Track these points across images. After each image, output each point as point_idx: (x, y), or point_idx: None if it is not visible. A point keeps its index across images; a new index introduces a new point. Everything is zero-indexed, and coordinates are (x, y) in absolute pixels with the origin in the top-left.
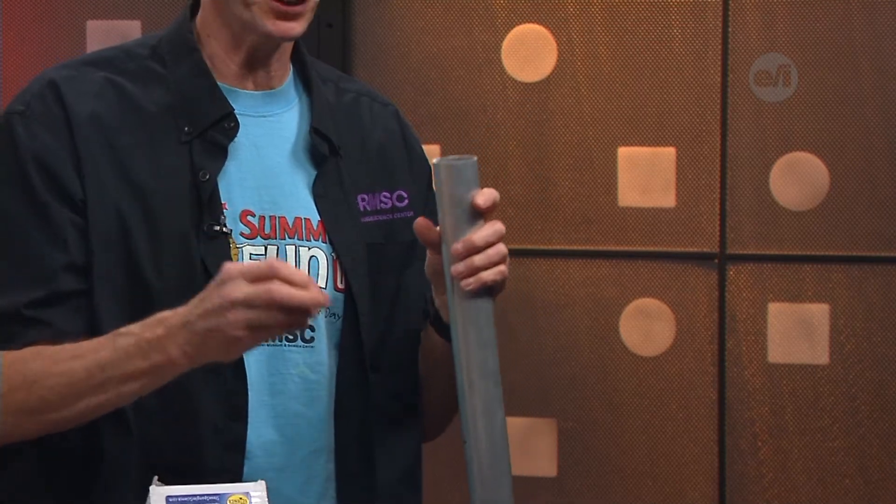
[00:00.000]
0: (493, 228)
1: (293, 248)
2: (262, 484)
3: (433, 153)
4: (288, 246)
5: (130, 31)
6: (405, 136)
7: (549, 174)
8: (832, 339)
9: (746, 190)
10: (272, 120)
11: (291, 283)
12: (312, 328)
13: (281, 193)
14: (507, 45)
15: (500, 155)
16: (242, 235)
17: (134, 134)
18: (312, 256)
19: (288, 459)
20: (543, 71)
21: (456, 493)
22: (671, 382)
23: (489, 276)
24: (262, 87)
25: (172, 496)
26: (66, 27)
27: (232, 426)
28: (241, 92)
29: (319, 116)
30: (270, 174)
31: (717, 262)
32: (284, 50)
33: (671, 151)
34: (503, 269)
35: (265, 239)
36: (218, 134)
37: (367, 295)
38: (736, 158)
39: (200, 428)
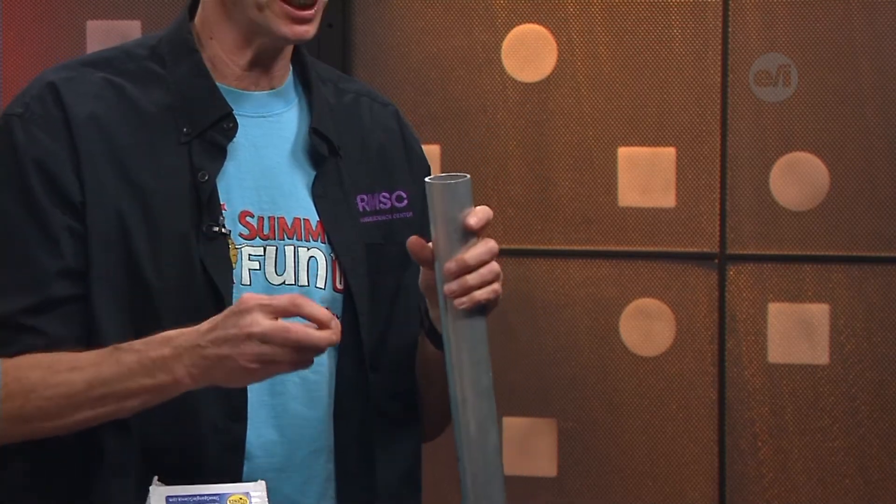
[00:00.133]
0: (486, 247)
1: (292, 248)
2: (261, 484)
3: (433, 153)
4: (287, 246)
5: (130, 31)
6: (405, 136)
7: (549, 174)
8: (832, 339)
9: (746, 190)
10: (271, 120)
11: (314, 319)
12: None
13: (280, 194)
14: (507, 45)
15: (500, 155)
16: (241, 236)
17: (133, 134)
18: (311, 257)
19: (288, 459)
20: (543, 71)
21: (456, 493)
22: (671, 382)
23: (482, 294)
24: (262, 87)
25: (172, 496)
26: (66, 27)
27: (232, 426)
28: (240, 93)
29: (319, 117)
30: (269, 174)
31: (717, 262)
32: (287, 51)
33: (671, 151)
34: (496, 287)
35: (264, 239)
36: (217, 134)
37: (366, 295)
38: (736, 158)
39: (200, 428)
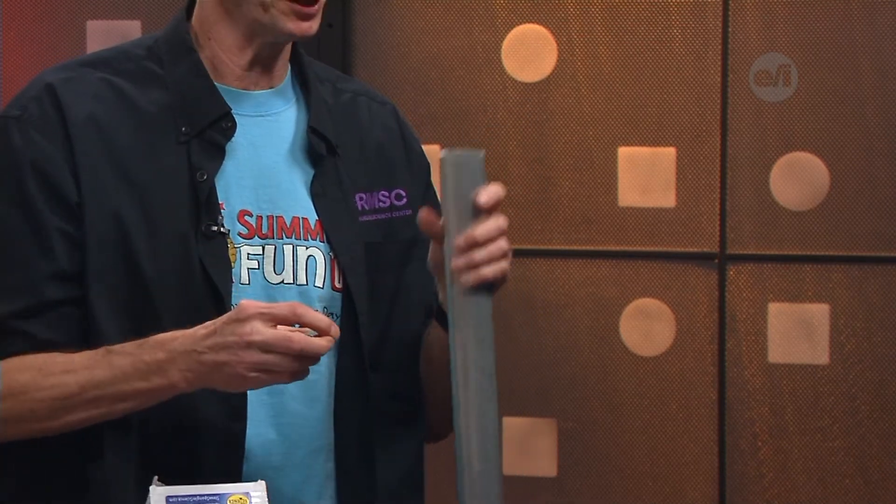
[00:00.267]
0: (495, 224)
1: (290, 247)
2: (262, 484)
3: (433, 153)
4: (285, 245)
5: (130, 31)
6: (404, 134)
7: (549, 174)
8: (832, 339)
9: (746, 190)
10: (270, 119)
11: (315, 327)
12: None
13: (279, 193)
14: (507, 45)
15: (500, 155)
16: (240, 235)
17: (132, 134)
18: (310, 256)
19: (287, 458)
20: (543, 71)
21: (450, 490)
22: (671, 382)
23: (488, 271)
24: (261, 87)
25: (172, 496)
26: (66, 27)
27: (231, 425)
28: (239, 92)
29: (317, 116)
30: (268, 174)
31: (717, 262)
32: (286, 50)
33: (671, 151)
34: (504, 265)
35: (263, 238)
36: (215, 134)
37: (365, 294)
38: (736, 158)
39: (200, 427)
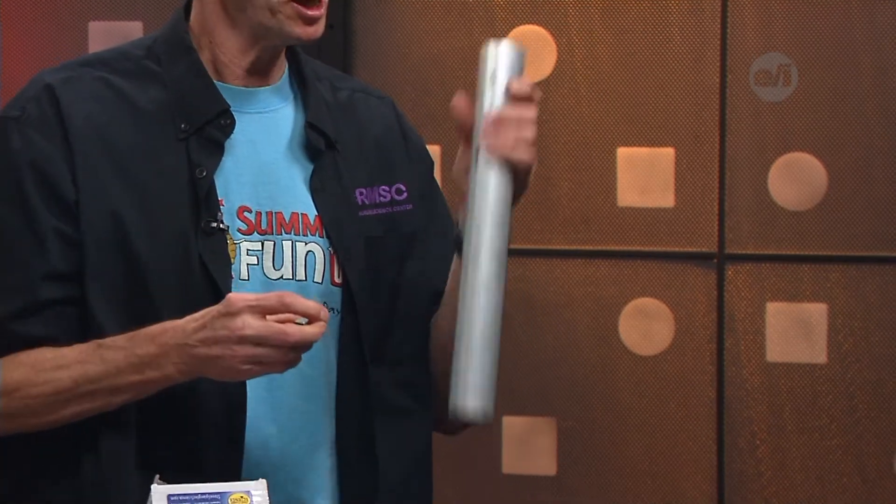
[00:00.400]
0: (527, 110)
1: (290, 243)
2: (262, 483)
3: (433, 153)
4: (285, 241)
5: (132, 31)
6: (403, 128)
7: (548, 174)
8: (830, 338)
9: (745, 190)
10: (268, 116)
11: (305, 314)
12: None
13: (278, 189)
14: None
15: None
16: (240, 231)
17: (131, 133)
18: (309, 251)
19: (286, 453)
20: (543, 71)
21: (455, 494)
22: (670, 381)
23: (515, 146)
24: (259, 84)
25: (174, 495)
26: (67, 28)
27: (231, 421)
28: (237, 89)
29: (315, 112)
30: (267, 170)
31: (715, 261)
32: (283, 49)
33: (670, 152)
34: (530, 151)
35: (262, 234)
36: (214, 131)
37: (365, 288)
38: (734, 159)
39: (199, 423)
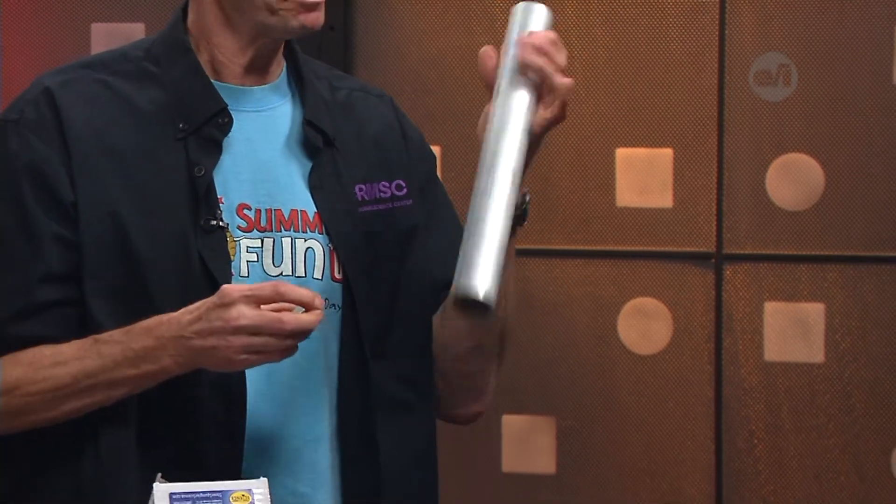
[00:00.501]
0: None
1: (289, 240)
2: (264, 481)
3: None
4: (284, 238)
5: (134, 33)
6: (402, 125)
7: (547, 175)
8: (827, 337)
9: (743, 190)
10: (266, 114)
11: (300, 302)
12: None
13: (277, 186)
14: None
15: None
16: (239, 229)
17: (130, 134)
18: (308, 248)
19: (287, 449)
20: None
21: (454, 493)
22: (669, 381)
23: (542, 60)
24: (257, 83)
25: (176, 493)
26: (70, 29)
27: (230, 416)
28: (235, 88)
29: (312, 109)
30: (266, 168)
31: (713, 261)
32: (280, 47)
33: (668, 152)
34: (561, 75)
35: (261, 232)
36: (212, 129)
37: (365, 284)
38: (732, 159)
39: (199, 420)
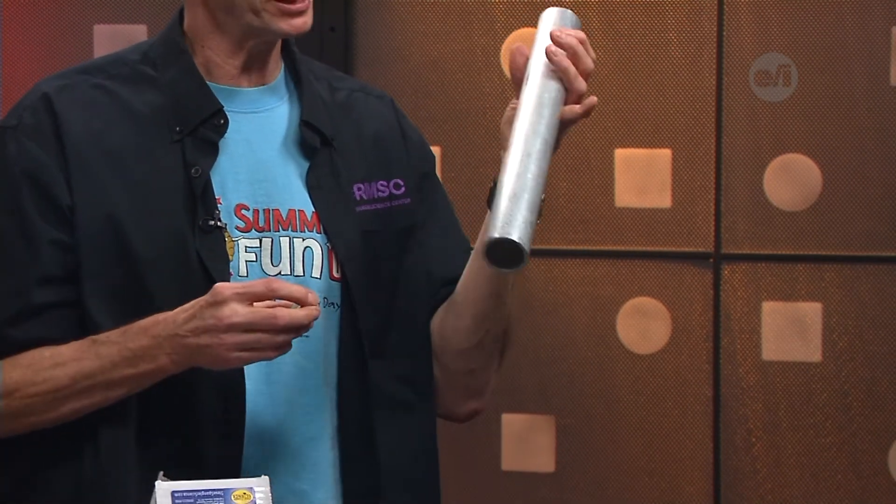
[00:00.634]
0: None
1: (287, 239)
2: (265, 479)
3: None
4: (282, 238)
5: (136, 34)
6: (402, 125)
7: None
8: (825, 337)
9: (741, 191)
10: (263, 115)
11: (292, 298)
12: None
13: (275, 187)
14: (506, 48)
15: (499, 157)
16: (237, 229)
17: (127, 137)
18: (307, 247)
19: (287, 447)
20: None
21: (454, 493)
22: (667, 380)
23: (566, 62)
24: (255, 83)
25: (178, 491)
26: (72, 31)
27: (229, 415)
28: (232, 89)
29: (310, 110)
30: (263, 168)
31: (712, 261)
32: (277, 47)
33: (667, 153)
34: (581, 73)
35: (260, 231)
36: (208, 131)
37: (363, 283)
38: (731, 160)
39: (199, 418)
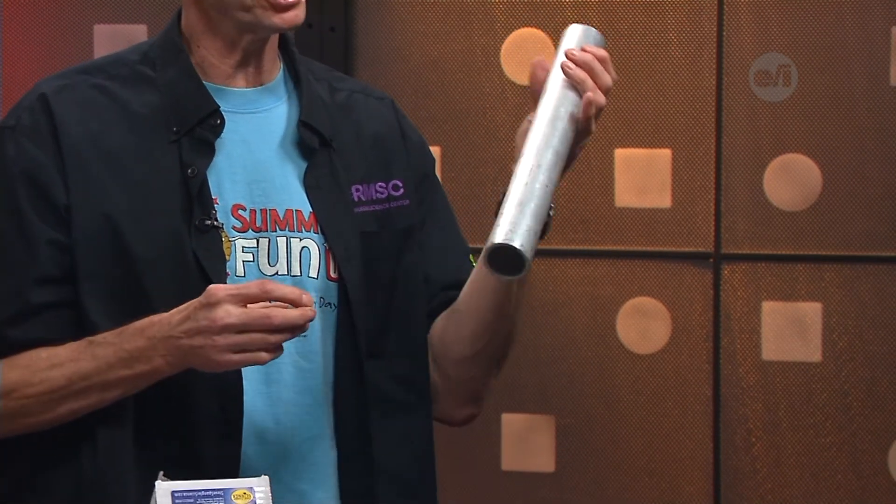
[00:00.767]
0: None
1: (284, 239)
2: (265, 479)
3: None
4: (279, 238)
5: (137, 34)
6: (402, 126)
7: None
8: (825, 337)
9: (741, 191)
10: (261, 115)
11: (286, 300)
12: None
13: (272, 187)
14: (505, 48)
15: (499, 157)
16: (234, 229)
17: (125, 137)
18: (304, 247)
19: (285, 447)
20: None
21: (449, 486)
22: (667, 380)
23: (583, 74)
24: (253, 83)
25: (178, 491)
26: (72, 31)
27: (228, 415)
28: (228, 90)
29: (308, 110)
30: (261, 168)
31: (711, 261)
32: (273, 45)
33: (667, 153)
34: (599, 87)
35: (257, 232)
36: (204, 131)
37: (360, 283)
38: (730, 160)
39: (198, 419)
